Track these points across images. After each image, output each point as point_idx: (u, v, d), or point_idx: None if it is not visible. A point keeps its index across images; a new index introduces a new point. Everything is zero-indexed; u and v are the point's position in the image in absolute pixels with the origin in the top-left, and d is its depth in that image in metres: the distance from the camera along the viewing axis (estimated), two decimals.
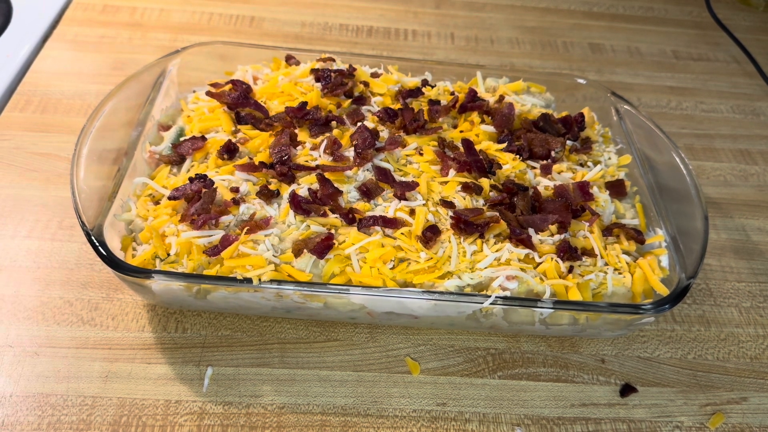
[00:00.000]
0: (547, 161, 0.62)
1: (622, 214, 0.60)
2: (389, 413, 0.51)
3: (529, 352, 0.56)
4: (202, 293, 0.50)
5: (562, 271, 0.52)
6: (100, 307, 0.56)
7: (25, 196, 0.64)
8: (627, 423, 0.52)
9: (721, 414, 0.54)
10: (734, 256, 0.67)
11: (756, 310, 0.62)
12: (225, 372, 0.52)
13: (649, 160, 0.63)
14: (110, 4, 0.91)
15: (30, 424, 0.48)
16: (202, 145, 0.59)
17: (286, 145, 0.58)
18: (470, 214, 0.54)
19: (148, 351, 0.53)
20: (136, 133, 0.59)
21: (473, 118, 0.65)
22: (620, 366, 0.56)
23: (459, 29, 0.97)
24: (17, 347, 0.52)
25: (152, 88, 0.63)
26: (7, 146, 0.68)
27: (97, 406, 0.49)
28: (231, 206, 0.53)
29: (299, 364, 0.54)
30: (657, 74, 0.93)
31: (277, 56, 0.71)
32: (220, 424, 0.49)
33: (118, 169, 0.55)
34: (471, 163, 0.58)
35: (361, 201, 0.55)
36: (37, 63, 0.80)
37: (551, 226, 0.54)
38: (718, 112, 0.87)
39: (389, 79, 0.69)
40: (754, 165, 0.79)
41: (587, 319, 0.52)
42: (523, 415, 0.52)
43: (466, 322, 0.54)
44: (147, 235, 0.52)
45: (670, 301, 0.50)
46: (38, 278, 0.57)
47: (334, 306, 0.51)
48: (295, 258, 0.51)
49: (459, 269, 0.51)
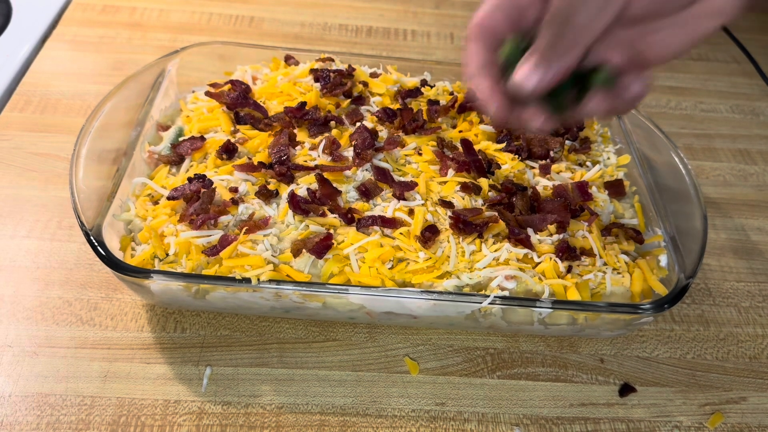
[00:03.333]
0: (546, 161, 0.62)
1: (621, 214, 0.60)
2: (388, 413, 0.51)
3: (528, 352, 0.56)
4: (200, 293, 0.50)
5: (560, 271, 0.52)
6: (99, 307, 0.56)
7: (25, 196, 0.64)
8: (626, 423, 0.52)
9: (720, 414, 0.53)
10: (733, 255, 0.67)
11: (755, 310, 0.62)
12: (224, 372, 0.52)
13: (648, 160, 0.63)
14: (110, 4, 0.91)
15: (29, 424, 0.48)
16: (201, 145, 0.59)
17: (285, 145, 0.58)
18: (469, 214, 0.54)
19: (147, 351, 0.53)
20: (135, 133, 0.59)
21: (472, 118, 0.65)
22: (619, 366, 0.56)
23: (458, 29, 0.97)
24: (16, 347, 0.52)
25: (151, 89, 0.63)
26: (7, 146, 0.68)
27: (96, 406, 0.49)
28: (230, 206, 0.53)
29: (298, 363, 0.54)
30: (656, 74, 0.93)
31: (277, 56, 0.71)
32: (219, 423, 0.49)
33: (117, 169, 0.55)
34: (470, 163, 0.58)
35: (360, 201, 0.55)
36: (37, 63, 0.80)
37: (550, 226, 0.54)
38: (718, 112, 0.87)
39: (388, 79, 0.70)
40: (753, 165, 0.79)
41: (586, 318, 0.52)
42: (522, 414, 0.52)
43: (465, 322, 0.54)
44: (146, 235, 0.52)
45: (668, 300, 0.49)
46: (37, 278, 0.57)
47: (333, 306, 0.51)
48: (293, 258, 0.51)
49: (458, 269, 0.51)
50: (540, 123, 0.40)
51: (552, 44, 0.35)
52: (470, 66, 0.40)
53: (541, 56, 0.36)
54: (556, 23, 0.35)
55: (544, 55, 0.36)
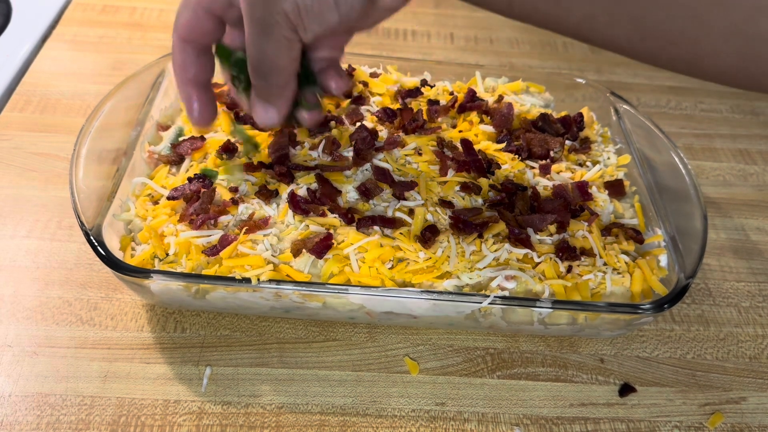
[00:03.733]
0: (546, 161, 0.62)
1: (621, 214, 0.60)
2: (388, 413, 0.51)
3: (528, 352, 0.56)
4: (200, 293, 0.50)
5: (560, 271, 0.52)
6: (99, 307, 0.56)
7: (24, 196, 0.64)
8: (626, 423, 0.52)
9: (720, 414, 0.53)
10: (733, 255, 0.67)
11: (755, 310, 0.62)
12: (224, 372, 0.52)
13: (648, 159, 0.63)
14: (110, 4, 0.91)
15: (29, 424, 0.48)
16: (201, 145, 0.59)
17: (284, 144, 0.58)
18: (469, 214, 0.54)
19: (147, 351, 0.53)
20: (135, 133, 0.59)
21: (472, 118, 0.65)
22: (619, 366, 0.56)
23: (458, 29, 0.97)
24: (16, 347, 0.52)
25: (151, 88, 0.63)
26: (7, 146, 0.69)
27: (95, 406, 0.49)
28: (230, 206, 0.53)
29: (298, 363, 0.54)
30: (656, 74, 0.93)
31: None
32: (219, 423, 0.49)
33: (117, 169, 0.55)
34: (470, 163, 0.58)
35: (360, 201, 0.55)
36: (37, 63, 0.80)
37: (550, 226, 0.54)
38: (718, 112, 0.87)
39: (388, 78, 0.69)
40: (753, 165, 0.79)
41: (586, 318, 0.52)
42: (522, 414, 0.52)
43: (465, 322, 0.54)
44: (146, 235, 0.52)
45: (668, 300, 0.49)
46: (37, 278, 0.57)
47: (333, 306, 0.51)
48: (293, 258, 0.51)
49: (458, 269, 0.51)
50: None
51: (266, 90, 0.40)
52: (182, 75, 0.43)
53: (264, 100, 0.41)
54: (258, 74, 0.40)
55: (267, 99, 0.41)
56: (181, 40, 0.43)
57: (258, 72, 0.40)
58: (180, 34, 0.42)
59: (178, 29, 0.42)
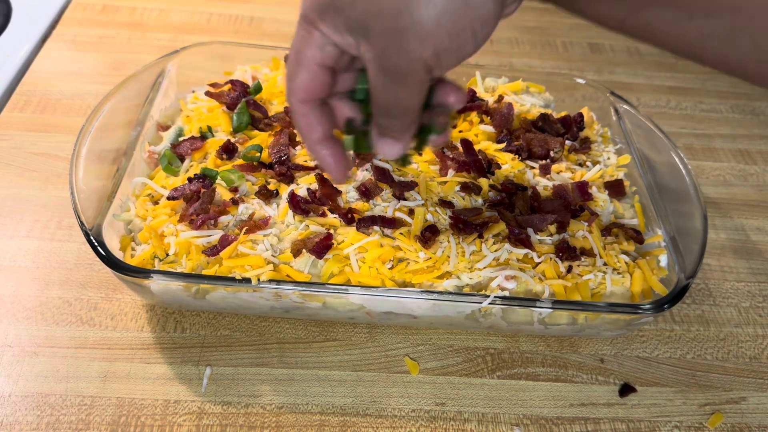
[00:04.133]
0: (546, 161, 0.62)
1: (621, 214, 0.60)
2: (388, 413, 0.51)
3: (528, 352, 0.56)
4: (200, 293, 0.50)
5: (560, 271, 0.52)
6: (99, 307, 0.56)
7: (24, 196, 0.64)
8: (626, 423, 0.52)
9: (720, 414, 0.53)
10: (733, 255, 0.67)
11: (755, 310, 0.62)
12: (224, 372, 0.52)
13: (648, 159, 0.63)
14: (110, 4, 0.91)
15: (29, 424, 0.48)
16: (201, 145, 0.59)
17: (285, 145, 0.58)
18: (469, 214, 0.54)
19: (147, 351, 0.53)
20: (135, 133, 0.59)
21: (472, 118, 0.65)
22: (619, 366, 0.56)
23: None
24: (16, 347, 0.52)
25: (151, 88, 0.63)
26: (6, 146, 0.68)
27: (96, 406, 0.49)
28: (230, 206, 0.53)
29: (298, 363, 0.54)
30: (656, 74, 0.93)
31: (277, 56, 0.71)
32: (219, 423, 0.49)
33: (117, 169, 0.55)
34: (470, 163, 0.58)
35: (360, 201, 0.55)
36: (37, 63, 0.80)
37: (550, 226, 0.54)
38: (718, 112, 0.87)
39: None
40: (753, 165, 0.79)
41: (586, 318, 0.52)
42: (522, 414, 0.52)
43: (465, 322, 0.54)
44: (146, 235, 0.52)
45: (669, 301, 0.49)
46: (37, 278, 0.57)
47: (333, 306, 0.51)
48: (293, 258, 0.51)
49: (458, 269, 0.51)
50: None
51: (395, 129, 0.39)
52: (311, 137, 0.41)
53: (392, 138, 0.40)
54: (387, 116, 0.38)
55: (395, 137, 0.40)
56: (300, 103, 0.40)
57: (388, 114, 0.38)
58: (299, 97, 0.39)
59: (297, 92, 0.39)
